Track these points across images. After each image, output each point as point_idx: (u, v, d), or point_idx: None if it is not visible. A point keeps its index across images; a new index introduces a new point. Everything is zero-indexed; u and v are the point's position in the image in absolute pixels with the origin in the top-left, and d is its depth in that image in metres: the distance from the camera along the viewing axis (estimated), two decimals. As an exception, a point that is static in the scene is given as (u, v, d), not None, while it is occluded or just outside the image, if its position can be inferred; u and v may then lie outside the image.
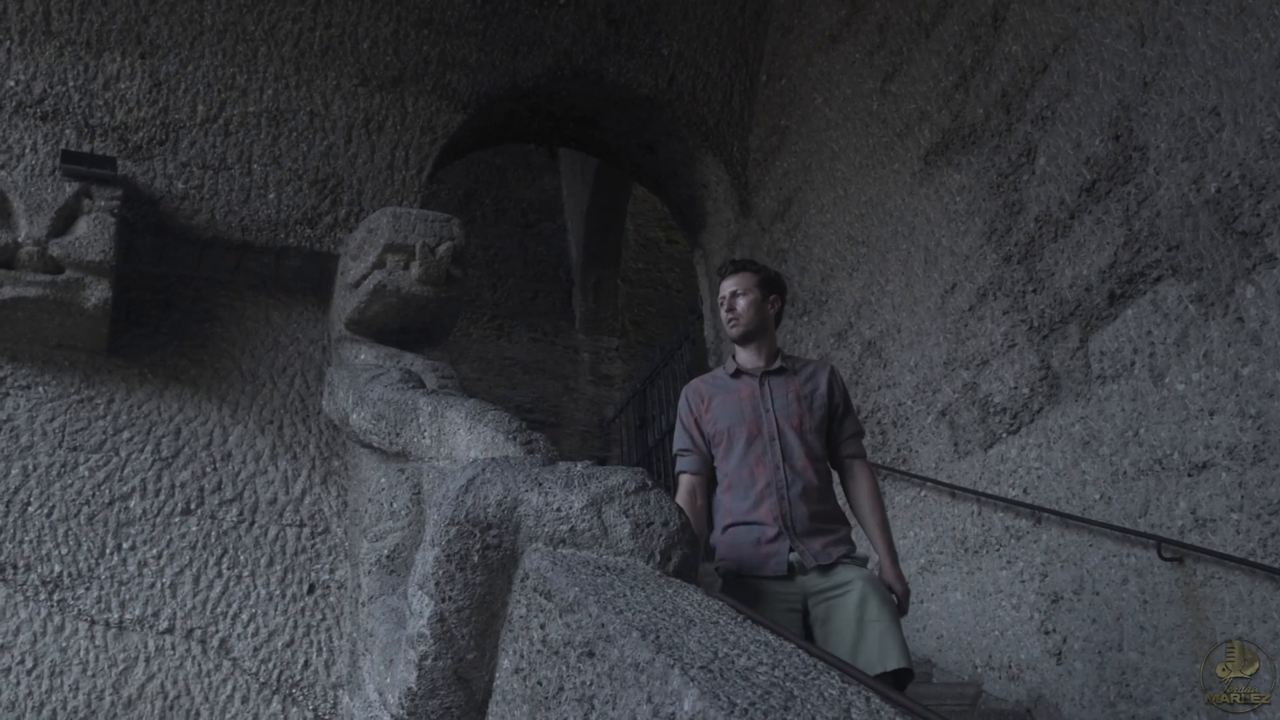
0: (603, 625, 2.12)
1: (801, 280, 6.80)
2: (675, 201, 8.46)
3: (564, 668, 2.27)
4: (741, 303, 3.41)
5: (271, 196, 5.92)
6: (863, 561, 3.20)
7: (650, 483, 2.79)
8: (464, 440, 3.76)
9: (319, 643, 5.06)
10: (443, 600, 2.67)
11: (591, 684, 2.11)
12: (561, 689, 2.27)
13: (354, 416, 4.53)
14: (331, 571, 5.22)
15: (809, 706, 1.71)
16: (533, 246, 11.06)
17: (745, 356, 3.44)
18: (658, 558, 2.63)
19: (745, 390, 3.36)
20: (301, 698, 4.92)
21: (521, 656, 2.53)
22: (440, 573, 2.67)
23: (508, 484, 2.70)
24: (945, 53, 5.55)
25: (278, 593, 5.10)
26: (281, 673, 4.95)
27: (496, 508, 2.67)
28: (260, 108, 6.12)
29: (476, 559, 2.65)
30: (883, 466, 5.64)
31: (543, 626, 2.43)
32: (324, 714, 4.95)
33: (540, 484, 2.71)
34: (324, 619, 5.10)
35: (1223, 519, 3.77)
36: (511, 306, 10.65)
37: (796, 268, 6.87)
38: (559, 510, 2.65)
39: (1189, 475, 3.92)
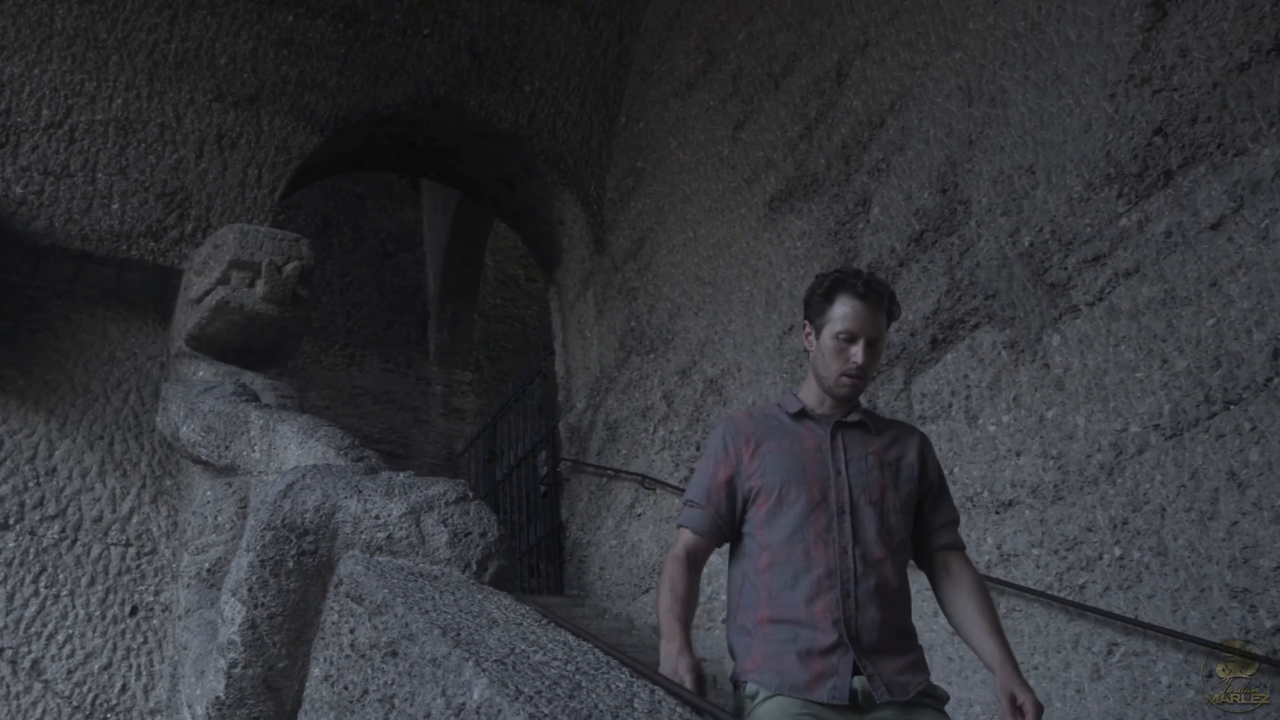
0: (407, 625, 2.15)
1: (650, 318, 6.95)
2: (533, 237, 8.55)
3: (369, 670, 2.29)
4: (872, 359, 2.48)
5: (115, 207, 5.80)
6: (945, 702, 2.38)
7: (471, 494, 2.84)
8: (295, 455, 3.74)
9: (139, 666, 4.92)
10: (255, 606, 2.66)
11: (393, 683, 2.14)
12: (366, 691, 2.28)
13: (184, 429, 4.45)
14: (157, 593, 5.09)
15: (593, 696, 1.78)
16: (390, 277, 11.01)
17: (813, 396, 2.53)
18: (474, 567, 2.67)
19: (810, 440, 2.48)
20: (116, 722, 4.77)
21: (331, 663, 2.53)
22: (254, 578, 2.66)
23: (327, 490, 2.71)
24: (792, 104, 5.78)
25: (97, 614, 4.95)
26: (96, 697, 4.80)
27: (314, 513, 2.68)
28: (109, 116, 6.00)
29: (291, 565, 2.65)
30: (719, 501, 5.77)
31: (352, 631, 2.44)
32: (139, 739, 4.80)
33: (360, 491, 2.73)
34: (145, 642, 4.96)
35: (1025, 554, 3.99)
36: (365, 336, 10.57)
37: (646, 306, 7.01)
38: (377, 518, 2.68)
39: (996, 513, 4.13)
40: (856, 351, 2.43)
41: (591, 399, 7.59)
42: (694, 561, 2.46)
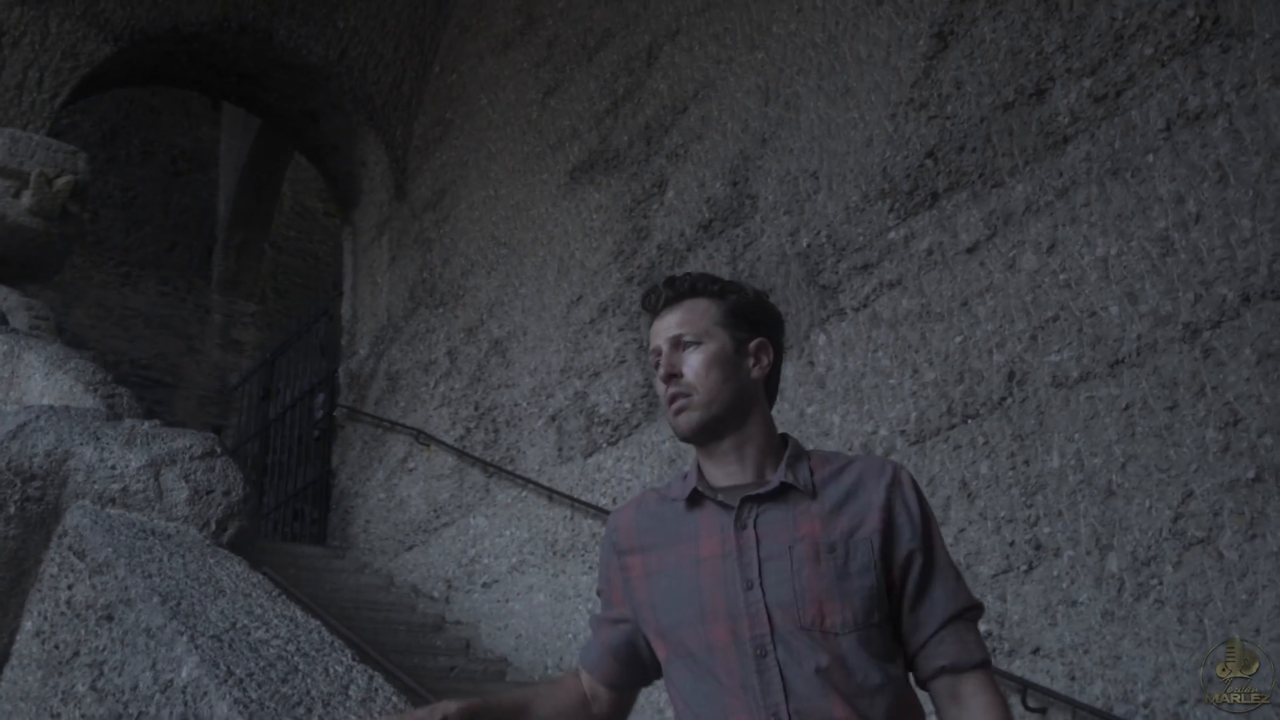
0: (127, 588, 2.10)
1: (442, 272, 6.88)
2: (333, 175, 8.32)
3: (83, 631, 2.22)
4: (695, 361, 1.59)
5: None
6: None
7: (220, 450, 2.77)
8: (39, 386, 3.56)
9: None
10: (-31, 551, 2.53)
11: (105, 648, 2.08)
12: (78, 653, 2.21)
13: (-81, 348, 4.16)
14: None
15: (308, 680, 1.78)
16: (178, 196, 10.49)
17: (712, 465, 1.63)
18: (213, 526, 2.62)
19: (709, 542, 1.57)
20: None
21: (45, 618, 2.44)
22: (-30, 522, 2.53)
23: (61, 434, 2.60)
24: (603, 78, 5.81)
25: None
26: None
27: (44, 458, 2.57)
28: None
29: (13, 510, 2.53)
30: (490, 464, 5.80)
31: (70, 587, 2.36)
32: None
33: (99, 438, 2.63)
34: None
35: (772, 542, 4.17)
36: (144, 255, 10.04)
37: (440, 259, 6.94)
38: (113, 468, 2.58)
39: (751, 500, 4.29)
40: (660, 361, 1.62)
41: (375, 347, 7.47)
42: (580, 694, 1.71)
